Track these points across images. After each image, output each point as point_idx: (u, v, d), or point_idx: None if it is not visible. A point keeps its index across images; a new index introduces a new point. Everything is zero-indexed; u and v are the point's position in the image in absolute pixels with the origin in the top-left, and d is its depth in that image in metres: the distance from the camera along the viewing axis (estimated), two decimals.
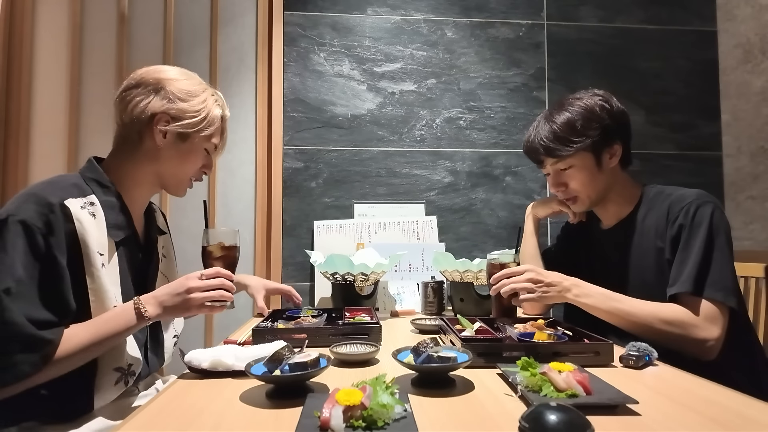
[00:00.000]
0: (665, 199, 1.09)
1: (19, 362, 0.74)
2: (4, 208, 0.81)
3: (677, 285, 0.99)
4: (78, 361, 0.81)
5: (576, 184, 1.14)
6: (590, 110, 1.12)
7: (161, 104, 0.94)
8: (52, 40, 1.75)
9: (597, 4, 1.97)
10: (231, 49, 1.84)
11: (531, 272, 1.05)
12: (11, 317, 0.74)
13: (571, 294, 1.04)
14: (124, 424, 0.59)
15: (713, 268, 0.97)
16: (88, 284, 0.83)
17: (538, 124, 1.18)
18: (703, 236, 0.99)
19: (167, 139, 0.95)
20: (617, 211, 1.18)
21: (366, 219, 1.82)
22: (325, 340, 0.97)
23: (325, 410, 0.54)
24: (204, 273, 0.90)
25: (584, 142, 1.10)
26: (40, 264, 0.78)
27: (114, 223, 0.90)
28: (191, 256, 1.24)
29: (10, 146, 1.68)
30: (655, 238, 1.08)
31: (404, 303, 1.54)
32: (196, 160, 1.01)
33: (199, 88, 0.99)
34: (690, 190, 1.08)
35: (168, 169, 0.99)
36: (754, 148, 1.85)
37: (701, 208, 1.02)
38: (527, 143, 1.22)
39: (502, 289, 1.07)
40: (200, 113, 0.97)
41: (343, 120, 1.86)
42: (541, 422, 0.51)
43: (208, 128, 0.98)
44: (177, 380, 0.78)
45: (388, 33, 1.90)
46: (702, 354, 0.96)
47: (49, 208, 0.80)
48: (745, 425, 0.58)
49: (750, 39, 1.87)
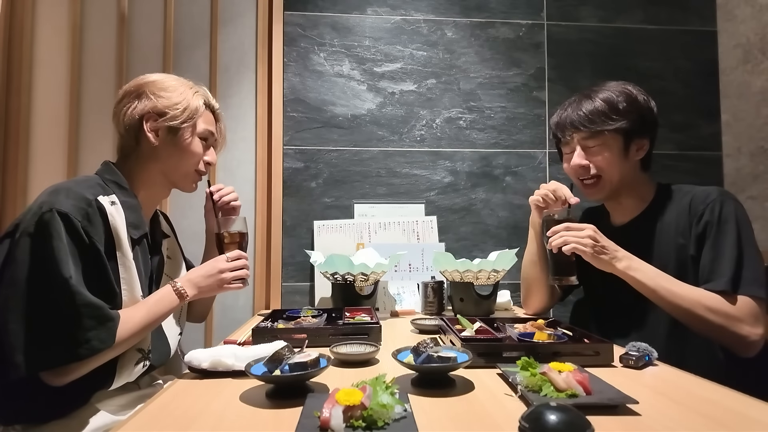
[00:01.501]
0: (684, 196, 1.10)
1: (92, 338, 0.80)
2: (38, 202, 0.86)
3: (714, 282, 0.98)
4: (131, 343, 0.89)
5: (603, 162, 1.13)
6: (634, 97, 1.12)
7: (144, 105, 1.00)
8: (52, 40, 1.75)
9: (597, 4, 1.97)
10: (231, 49, 1.84)
11: (591, 230, 1.04)
12: (83, 298, 0.81)
13: (621, 264, 1.03)
14: (124, 424, 0.59)
15: (748, 264, 0.98)
16: (120, 273, 0.90)
17: (576, 100, 1.17)
18: (733, 233, 0.99)
19: (160, 136, 1.02)
20: (632, 206, 1.18)
21: (366, 219, 1.82)
22: (325, 340, 0.97)
23: (325, 410, 0.54)
24: (229, 256, 1.04)
25: (622, 122, 1.09)
26: (86, 254, 0.84)
27: (132, 222, 0.95)
28: (191, 255, 1.24)
29: (10, 146, 1.68)
30: (675, 235, 1.08)
31: (404, 303, 1.54)
32: (193, 152, 1.06)
33: (176, 83, 1.05)
34: (709, 187, 1.09)
35: (170, 165, 1.05)
36: (754, 148, 1.85)
37: (726, 204, 1.02)
38: (560, 118, 1.19)
39: (561, 243, 1.05)
40: (181, 104, 1.02)
41: (343, 120, 1.86)
42: (541, 422, 0.51)
43: (193, 118, 1.04)
44: (177, 380, 0.78)
45: (388, 33, 1.90)
46: (741, 350, 0.96)
47: (86, 202, 0.87)
48: (745, 425, 0.58)
49: (750, 39, 1.87)
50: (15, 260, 0.82)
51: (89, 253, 0.85)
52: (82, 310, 0.80)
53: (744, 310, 0.95)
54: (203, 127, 1.07)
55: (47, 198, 0.85)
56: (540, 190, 1.24)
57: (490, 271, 1.32)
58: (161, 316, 0.93)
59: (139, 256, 0.97)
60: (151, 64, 1.78)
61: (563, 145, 1.21)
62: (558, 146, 1.25)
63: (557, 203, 1.20)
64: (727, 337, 0.96)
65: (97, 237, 0.86)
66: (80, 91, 1.75)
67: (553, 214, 1.12)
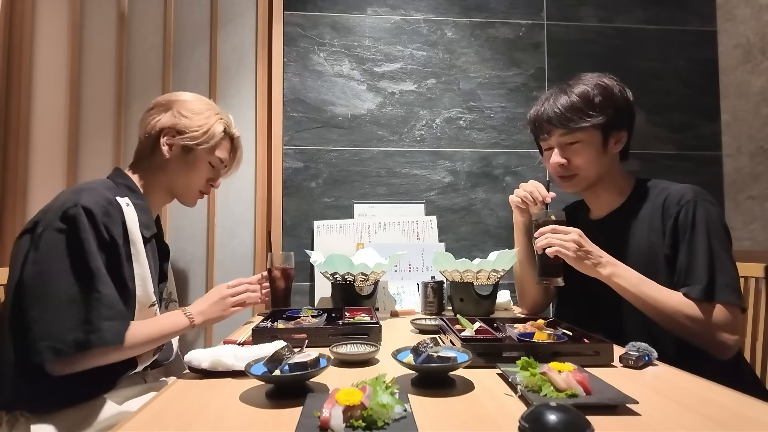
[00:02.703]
0: (660, 193, 1.09)
1: (104, 329, 0.83)
2: (60, 200, 0.90)
3: (689, 288, 0.99)
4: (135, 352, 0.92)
5: (580, 160, 1.12)
6: (610, 90, 1.11)
7: (168, 120, 1.08)
8: (52, 40, 1.75)
9: (597, 4, 1.97)
10: (231, 49, 1.84)
11: (576, 234, 1.04)
12: (108, 289, 0.85)
13: (605, 270, 1.03)
14: (124, 424, 0.59)
15: (721, 270, 0.98)
16: (135, 270, 0.94)
17: (552, 95, 1.16)
18: (706, 238, 1.00)
19: (173, 151, 1.08)
20: (609, 200, 1.18)
21: (366, 219, 1.82)
22: (325, 340, 0.97)
23: (325, 410, 0.54)
24: (230, 284, 1.10)
25: (599, 118, 1.09)
26: (106, 249, 0.89)
27: (144, 222, 1.01)
28: (191, 255, 1.25)
29: (10, 146, 1.68)
30: (648, 231, 1.09)
31: (404, 303, 1.54)
32: (200, 172, 1.13)
33: (204, 107, 1.12)
34: (685, 186, 1.08)
35: (176, 179, 1.11)
36: (754, 148, 1.85)
37: (700, 207, 1.02)
38: (537, 113, 1.18)
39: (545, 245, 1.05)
40: (202, 128, 1.09)
41: (343, 120, 1.86)
42: (541, 422, 0.51)
43: (209, 142, 1.10)
44: (177, 380, 0.78)
45: (388, 33, 1.90)
46: (719, 353, 0.98)
47: (107, 200, 0.92)
48: (745, 425, 0.58)
49: (750, 39, 1.87)
50: (40, 253, 0.85)
51: (109, 247, 0.89)
52: (104, 300, 0.84)
53: (719, 318, 0.96)
54: (217, 154, 1.14)
55: (70, 196, 0.90)
56: (519, 191, 1.26)
57: (489, 271, 1.32)
58: (168, 335, 0.98)
59: (149, 255, 1.02)
60: (151, 64, 1.78)
61: (541, 141, 1.21)
62: (536, 141, 1.25)
63: (536, 204, 1.23)
64: (705, 343, 0.98)
65: (117, 233, 0.91)
66: (80, 91, 1.75)
67: (538, 218, 1.13)
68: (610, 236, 1.13)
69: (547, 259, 1.07)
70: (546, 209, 1.17)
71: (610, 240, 1.11)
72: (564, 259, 1.04)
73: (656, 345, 0.86)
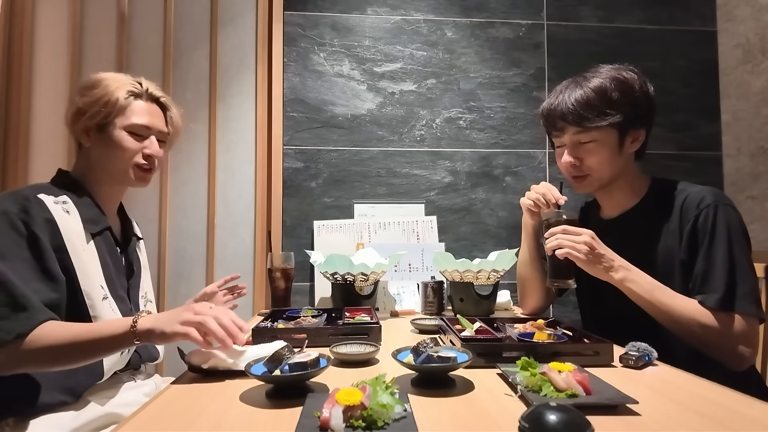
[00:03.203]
0: (678, 195, 1.05)
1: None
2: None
3: (706, 296, 0.95)
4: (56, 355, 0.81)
5: (593, 161, 1.07)
6: (629, 85, 1.04)
7: (72, 107, 1.02)
8: (52, 40, 1.75)
9: (597, 4, 1.97)
10: (231, 49, 1.84)
11: (588, 236, 0.99)
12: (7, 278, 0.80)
13: (617, 275, 0.98)
14: (124, 424, 0.59)
15: (741, 279, 0.94)
16: (73, 262, 0.90)
17: (567, 87, 1.09)
18: (726, 244, 0.95)
19: (91, 136, 1.03)
20: (623, 200, 1.14)
21: (366, 219, 1.82)
22: (325, 340, 0.97)
23: (325, 410, 0.54)
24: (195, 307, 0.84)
25: (616, 117, 1.02)
26: (26, 241, 0.86)
27: (88, 218, 0.97)
28: (190, 255, 1.25)
29: (10, 146, 1.68)
30: (664, 234, 1.04)
31: (404, 303, 1.54)
32: (123, 147, 1.03)
33: (101, 80, 1.03)
34: (705, 188, 1.03)
35: (105, 162, 1.04)
36: (754, 148, 1.85)
37: (720, 211, 0.98)
38: (550, 107, 1.11)
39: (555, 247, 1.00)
40: (101, 100, 1.00)
41: (343, 120, 1.86)
42: (541, 422, 0.51)
43: (113, 111, 1.01)
44: (177, 380, 0.78)
45: (388, 33, 1.90)
46: (734, 365, 0.94)
47: (24, 197, 0.89)
48: (745, 425, 0.58)
49: (750, 39, 1.87)
50: None
51: (29, 240, 0.86)
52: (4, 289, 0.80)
53: (737, 329, 0.92)
54: (133, 121, 1.03)
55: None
56: (531, 193, 1.22)
57: (489, 271, 1.31)
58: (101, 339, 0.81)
59: (103, 248, 0.99)
60: (151, 64, 1.78)
61: (554, 137, 1.16)
62: (549, 135, 1.20)
63: (548, 206, 1.18)
64: (720, 353, 0.94)
65: (36, 225, 0.87)
66: None
67: (549, 218, 1.09)
68: (622, 237, 1.09)
69: (557, 261, 1.03)
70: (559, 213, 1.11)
71: (622, 241, 1.06)
72: (575, 261, 1.00)
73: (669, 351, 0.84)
